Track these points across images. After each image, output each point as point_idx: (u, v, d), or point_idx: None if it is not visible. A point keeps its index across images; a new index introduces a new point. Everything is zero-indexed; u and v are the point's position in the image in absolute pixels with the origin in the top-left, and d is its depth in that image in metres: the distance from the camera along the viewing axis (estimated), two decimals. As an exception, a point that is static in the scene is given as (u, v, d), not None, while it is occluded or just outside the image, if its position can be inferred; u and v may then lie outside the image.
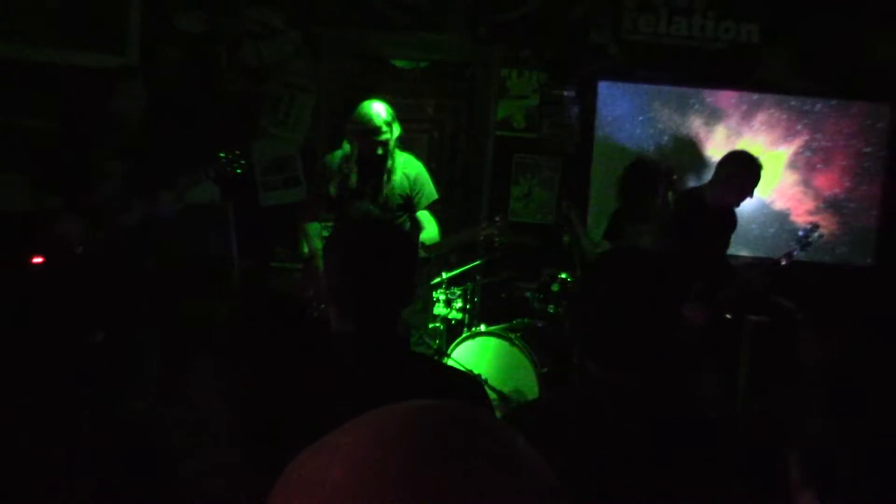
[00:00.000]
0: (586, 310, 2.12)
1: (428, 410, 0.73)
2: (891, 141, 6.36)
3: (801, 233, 5.06)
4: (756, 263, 6.28)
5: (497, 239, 5.42)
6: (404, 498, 0.65)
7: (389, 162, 4.78)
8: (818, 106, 6.43)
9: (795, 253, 5.00)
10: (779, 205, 6.51)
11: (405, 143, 5.12)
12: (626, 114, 6.45)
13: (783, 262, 5.01)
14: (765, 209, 6.47)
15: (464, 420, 0.72)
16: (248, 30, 6.43)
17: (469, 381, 2.38)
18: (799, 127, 6.44)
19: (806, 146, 6.45)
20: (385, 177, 4.79)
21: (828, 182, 6.47)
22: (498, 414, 4.96)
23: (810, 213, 6.46)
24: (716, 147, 6.40)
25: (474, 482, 0.66)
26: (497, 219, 5.37)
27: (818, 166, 6.46)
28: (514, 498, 0.67)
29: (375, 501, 0.65)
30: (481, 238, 5.16)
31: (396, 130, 4.78)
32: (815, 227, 5.04)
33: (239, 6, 6.38)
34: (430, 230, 4.89)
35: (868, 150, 6.43)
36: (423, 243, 4.82)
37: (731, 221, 5.22)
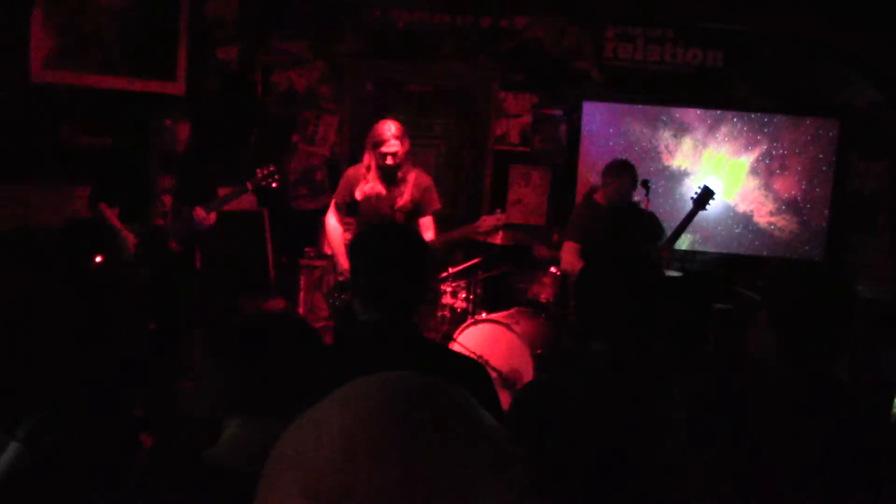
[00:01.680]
0: (592, 298, 2.13)
1: (397, 382, 0.71)
2: (838, 149, 6.36)
3: (693, 196, 4.96)
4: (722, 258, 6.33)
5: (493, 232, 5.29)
6: (383, 460, 0.64)
7: (401, 172, 4.78)
8: (776, 118, 6.42)
9: (692, 210, 4.89)
10: (742, 207, 6.49)
11: (417, 156, 5.13)
12: (605, 129, 6.47)
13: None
14: (729, 211, 6.46)
15: (427, 389, 0.71)
16: (280, 60, 6.47)
17: (474, 365, 2.40)
18: (759, 137, 6.41)
19: (765, 154, 6.42)
20: (398, 184, 4.79)
21: (785, 186, 6.43)
22: (499, 390, 4.99)
23: (771, 213, 6.44)
24: (684, 157, 6.41)
25: (441, 443, 0.66)
26: (498, 210, 5.18)
27: (777, 172, 6.43)
28: (473, 457, 0.66)
29: (360, 465, 0.64)
30: (483, 230, 5.05)
31: (406, 145, 4.77)
32: (706, 188, 4.94)
33: (272, 40, 6.42)
34: (426, 234, 4.88)
35: (821, 156, 6.40)
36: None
37: (632, 216, 5.14)
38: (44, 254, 4.15)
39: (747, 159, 6.44)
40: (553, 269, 5.46)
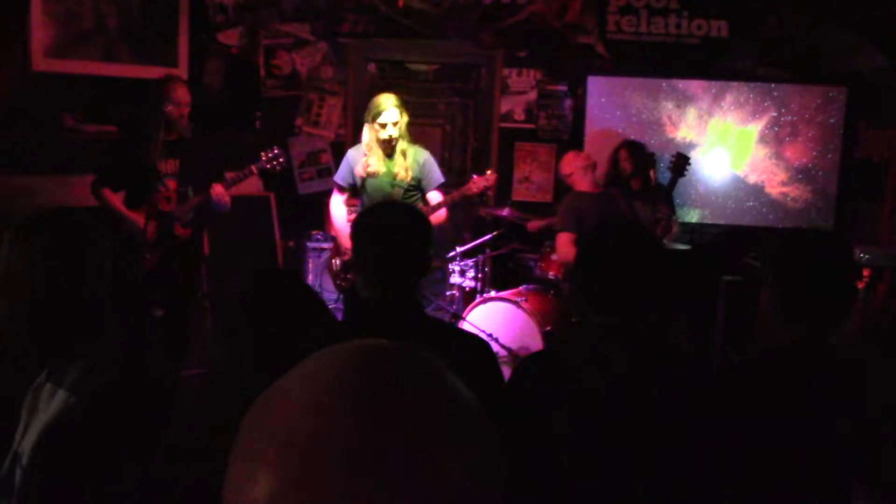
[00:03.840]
0: (589, 270, 2.14)
1: (368, 346, 0.72)
2: (846, 116, 6.28)
3: (669, 165, 4.96)
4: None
5: (488, 193, 5.32)
6: (354, 423, 0.64)
7: (401, 145, 4.79)
8: (783, 85, 6.33)
9: (670, 178, 4.90)
10: (753, 178, 6.37)
11: (421, 135, 5.13)
12: (610, 103, 6.43)
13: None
14: (739, 184, 6.37)
15: (399, 355, 0.71)
16: (282, 42, 6.47)
17: (476, 340, 2.42)
18: (766, 104, 6.30)
19: (774, 121, 6.31)
20: (396, 156, 4.80)
21: (796, 153, 6.31)
22: (507, 367, 5.02)
23: (783, 183, 6.35)
24: (689, 128, 6.35)
25: (410, 404, 0.66)
26: (488, 171, 5.14)
27: (786, 139, 6.31)
28: (440, 425, 0.66)
29: (327, 428, 0.64)
30: (475, 192, 5.08)
31: (404, 117, 4.77)
32: (679, 154, 4.94)
33: (274, 22, 6.41)
34: (440, 210, 4.91)
35: (832, 120, 6.28)
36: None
37: (618, 196, 5.20)
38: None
39: (755, 127, 6.33)
40: (553, 257, 5.46)
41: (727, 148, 6.34)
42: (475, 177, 4.99)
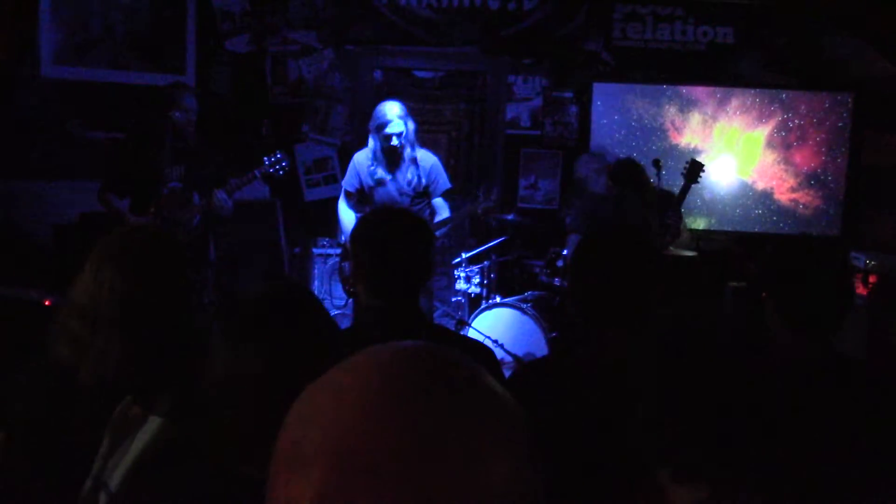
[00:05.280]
0: (582, 277, 2.12)
1: (412, 349, 0.72)
2: (853, 122, 6.22)
3: (682, 171, 4.95)
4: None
5: (492, 213, 5.31)
6: (400, 423, 0.64)
7: (406, 152, 4.77)
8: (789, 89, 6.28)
9: (684, 186, 4.91)
10: (761, 184, 6.31)
11: (427, 142, 5.12)
12: (615, 110, 6.40)
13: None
14: (748, 190, 6.32)
15: (442, 357, 0.71)
16: (289, 49, 6.47)
17: (481, 348, 2.39)
18: (773, 108, 6.25)
19: (781, 126, 6.25)
20: (404, 165, 4.78)
21: (805, 158, 6.24)
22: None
23: (793, 189, 6.30)
24: (693, 134, 6.31)
25: (452, 404, 0.67)
26: (493, 195, 5.08)
27: (794, 144, 6.24)
28: (482, 425, 0.67)
29: (376, 429, 0.64)
30: (479, 212, 5.05)
31: (410, 125, 4.75)
32: (693, 160, 4.93)
33: (280, 29, 6.41)
34: (443, 214, 4.90)
35: (840, 124, 6.21)
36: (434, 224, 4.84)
37: (631, 198, 5.22)
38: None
39: (762, 132, 6.27)
40: (559, 263, 5.44)
41: (734, 154, 6.29)
42: (481, 197, 4.96)
